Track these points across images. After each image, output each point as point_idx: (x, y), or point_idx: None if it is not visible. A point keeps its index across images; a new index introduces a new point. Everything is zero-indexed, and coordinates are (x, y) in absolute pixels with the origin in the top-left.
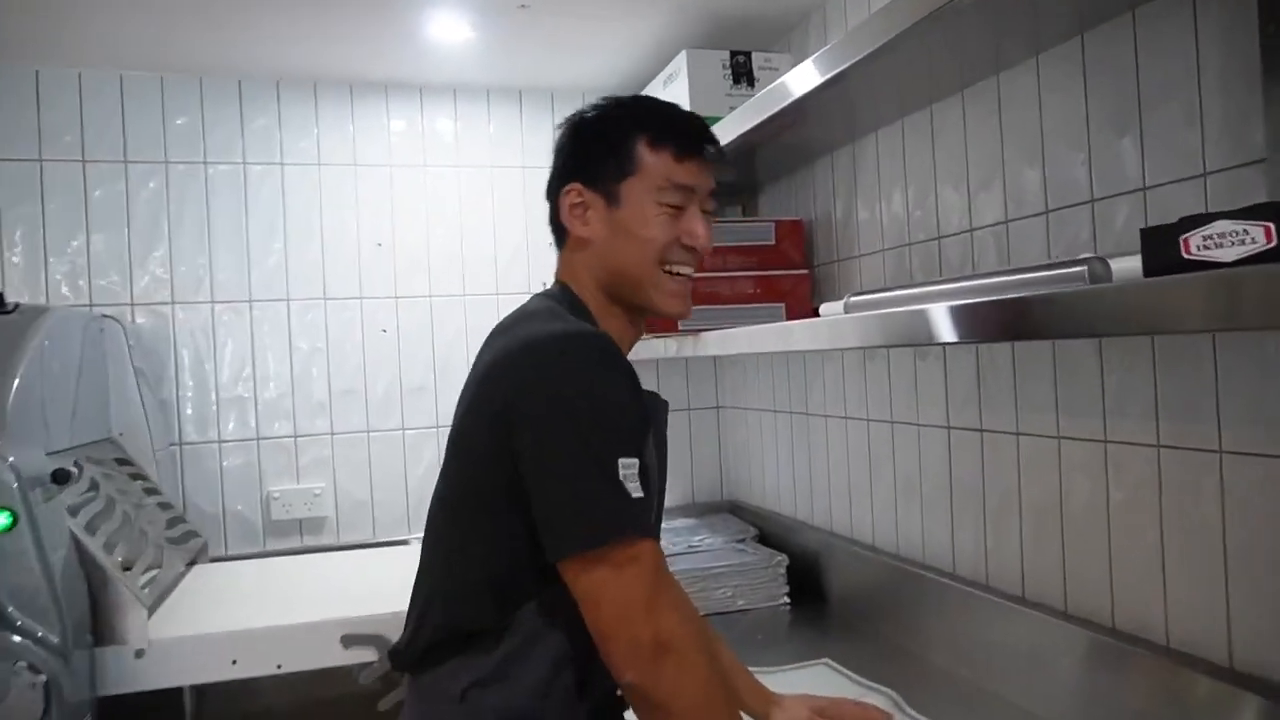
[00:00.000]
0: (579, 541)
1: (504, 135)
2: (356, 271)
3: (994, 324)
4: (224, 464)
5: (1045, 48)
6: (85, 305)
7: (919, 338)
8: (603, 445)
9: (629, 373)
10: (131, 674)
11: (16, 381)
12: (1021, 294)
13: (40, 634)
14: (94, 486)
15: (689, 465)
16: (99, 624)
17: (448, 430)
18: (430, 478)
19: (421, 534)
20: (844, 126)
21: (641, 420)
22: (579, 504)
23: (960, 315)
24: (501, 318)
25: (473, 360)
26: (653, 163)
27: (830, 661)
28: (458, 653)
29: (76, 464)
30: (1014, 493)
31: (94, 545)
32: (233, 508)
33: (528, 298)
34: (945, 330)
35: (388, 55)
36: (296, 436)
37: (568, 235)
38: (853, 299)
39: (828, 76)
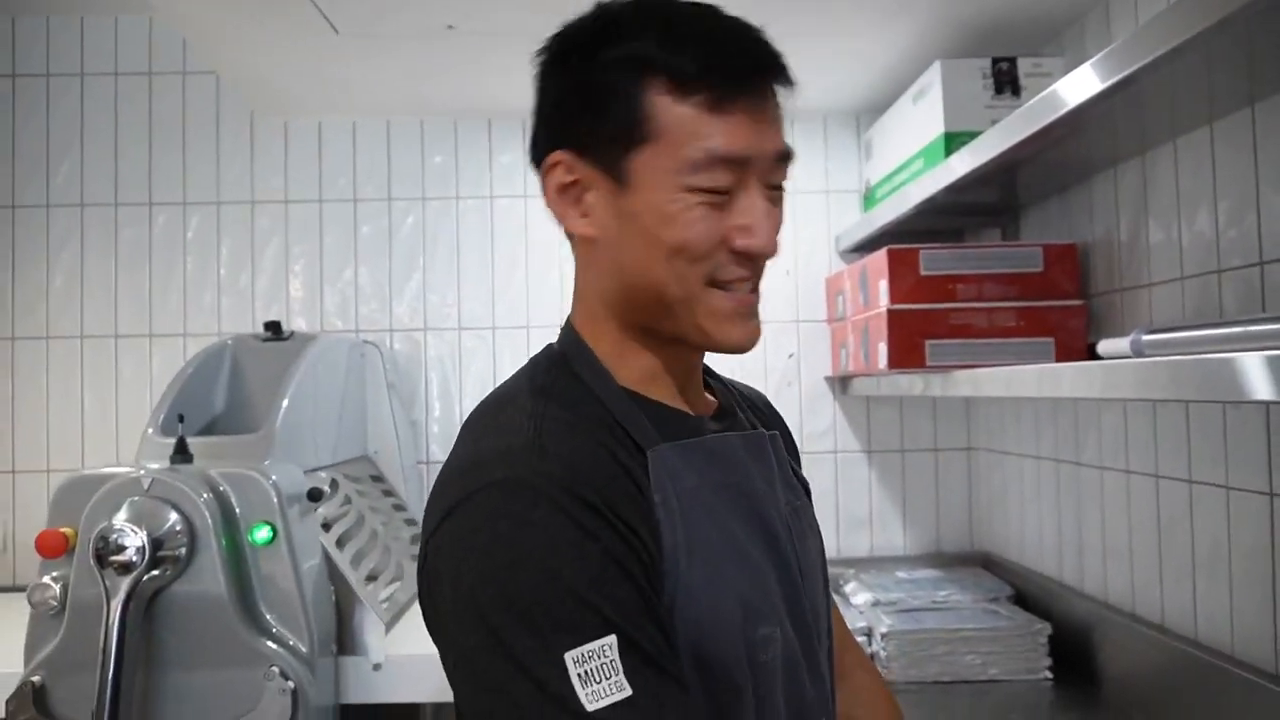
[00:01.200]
0: None
1: None
2: None
3: None
4: None
5: None
6: (352, 331)
7: (1223, 393)
8: (536, 648)
9: (563, 501)
10: (369, 686)
11: (285, 403)
12: None
13: (291, 642)
14: (348, 501)
15: (935, 511)
16: (343, 635)
17: None
18: None
19: None
20: (1133, 136)
21: (609, 559)
22: None
23: (1265, 366)
24: None
25: None
26: (674, 123)
27: None
28: None
29: (333, 481)
30: None
31: (342, 560)
32: None
33: (762, 327)
34: (1262, 386)
35: None
36: None
37: (572, 239)
38: (1144, 337)
39: (1113, 81)
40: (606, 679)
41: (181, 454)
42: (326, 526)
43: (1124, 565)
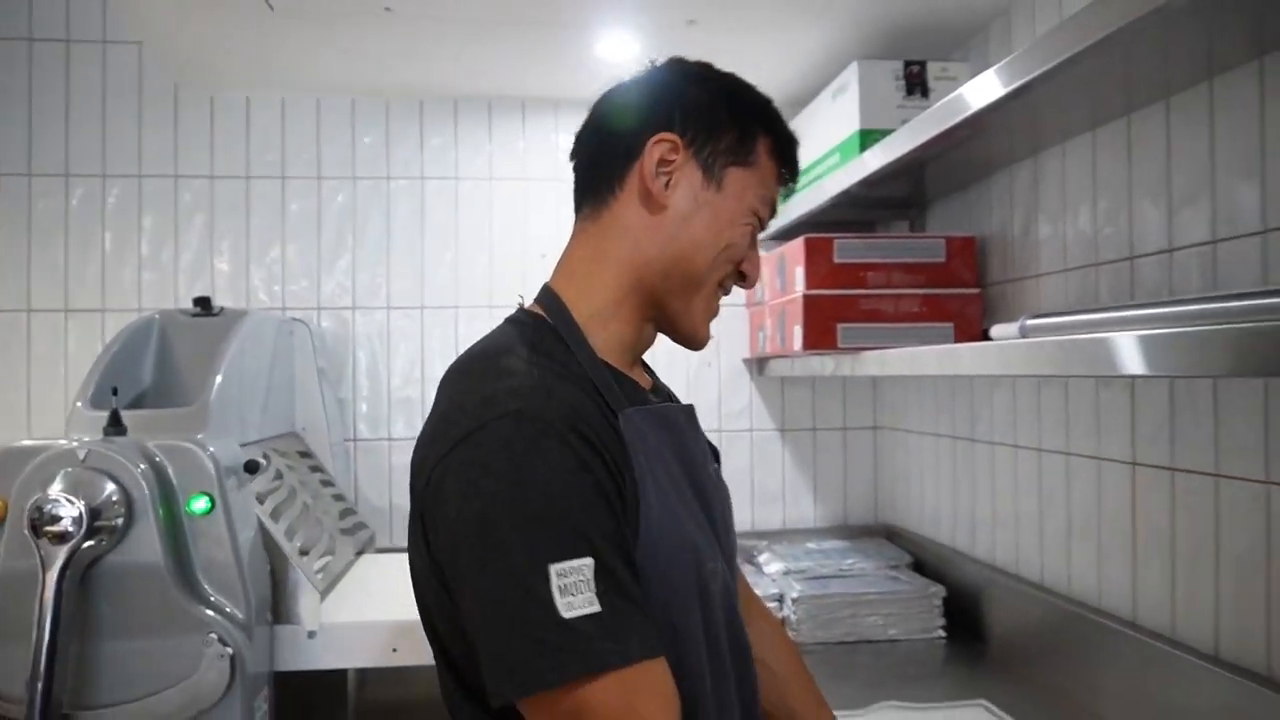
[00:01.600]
0: (504, 691)
1: None
2: (522, 281)
3: (1193, 358)
4: (393, 461)
5: (1270, 49)
6: (279, 309)
7: (1100, 368)
8: (523, 554)
9: (568, 437)
10: (304, 653)
11: (219, 379)
12: (1231, 324)
13: (228, 610)
14: (279, 476)
15: (843, 486)
16: (277, 604)
17: None
18: None
19: None
20: (1027, 139)
21: (595, 494)
22: (492, 640)
23: (1153, 346)
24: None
25: None
26: (767, 168)
27: (988, 704)
28: None
29: (265, 455)
30: (1210, 539)
31: (277, 531)
32: (399, 502)
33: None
34: (1133, 362)
35: (558, 75)
36: None
37: (614, 200)
38: (1029, 322)
39: (1013, 87)
40: (580, 594)
41: (115, 426)
42: (260, 500)
43: (1010, 532)
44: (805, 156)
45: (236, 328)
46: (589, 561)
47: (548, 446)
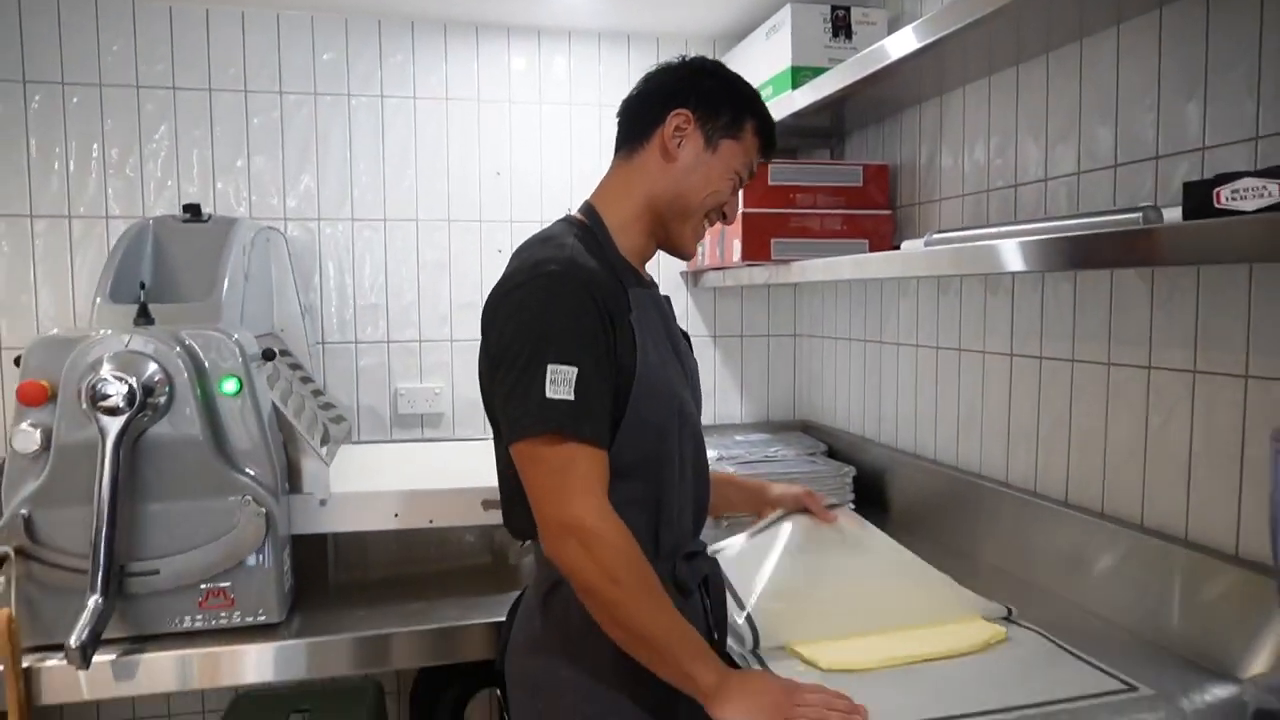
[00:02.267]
0: (508, 435)
1: (613, 75)
2: (478, 197)
3: (1052, 255)
4: (359, 363)
5: (1126, 18)
6: (248, 218)
7: (980, 267)
8: (533, 355)
9: (581, 293)
10: (316, 518)
11: (226, 279)
12: (1085, 232)
13: (258, 477)
14: (275, 369)
15: (766, 388)
16: (291, 476)
17: None
18: None
19: None
20: (933, 82)
21: (592, 333)
22: (507, 405)
23: (1029, 248)
24: None
25: None
26: (750, 143)
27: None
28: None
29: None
30: (1066, 412)
31: (288, 412)
32: (365, 401)
33: None
34: (1014, 261)
35: (510, 3)
36: (421, 341)
37: (642, 149)
38: (933, 236)
39: (926, 42)
40: (561, 387)
41: (144, 317)
42: (270, 384)
43: (909, 419)
44: None
45: (231, 233)
46: (575, 370)
47: (568, 295)
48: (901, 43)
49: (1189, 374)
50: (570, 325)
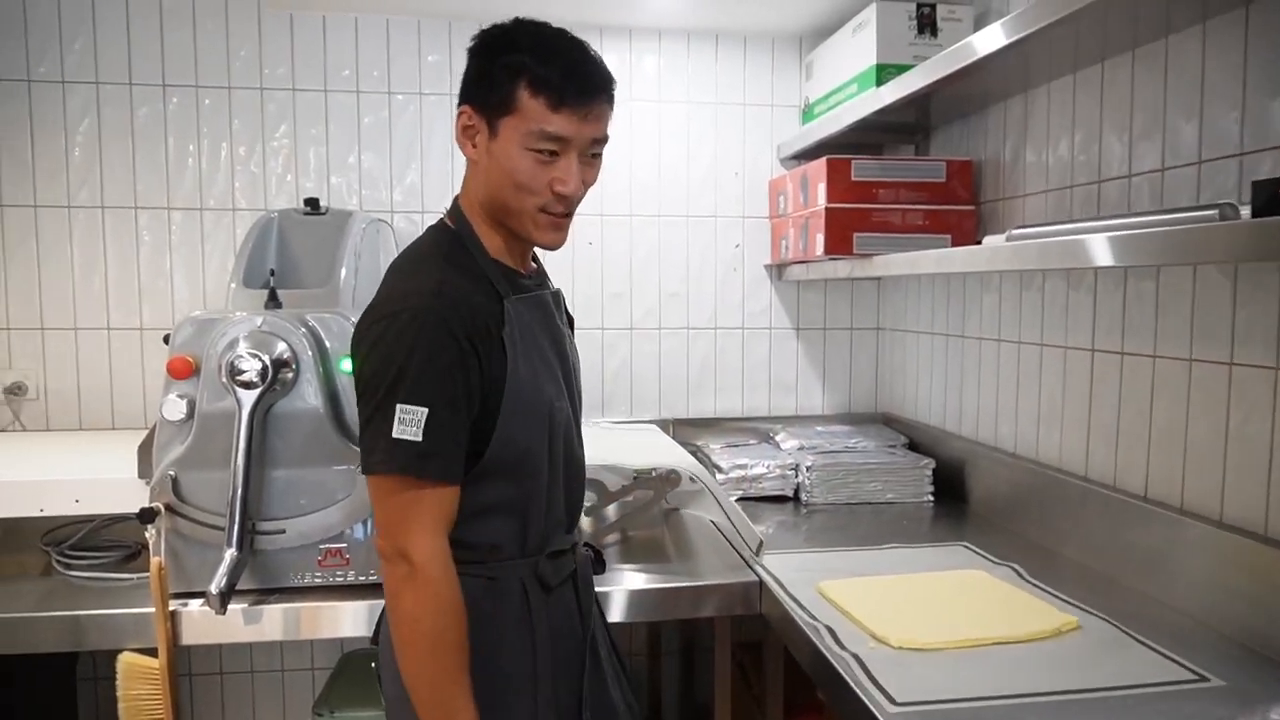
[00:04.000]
0: (362, 465)
1: (700, 74)
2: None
3: (1134, 251)
4: None
5: (1213, 14)
6: (359, 210)
7: (1075, 262)
8: (387, 393)
9: (440, 330)
10: None
11: (344, 267)
12: (1170, 227)
13: None
14: None
15: (848, 380)
16: None
17: (639, 332)
18: (622, 370)
19: (607, 418)
20: (1019, 79)
21: (448, 371)
22: (362, 436)
23: (1116, 243)
24: (667, 238)
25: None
26: (528, 108)
27: (968, 544)
28: None
29: None
30: (1147, 406)
31: None
32: None
33: (712, 220)
34: (1102, 255)
35: (610, 5)
36: None
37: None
38: (1014, 232)
39: (1013, 39)
40: (410, 427)
41: (274, 301)
42: None
43: (990, 412)
44: (825, 85)
45: (348, 225)
46: (425, 411)
47: (426, 333)
48: (989, 39)
49: (1271, 371)
50: (424, 365)
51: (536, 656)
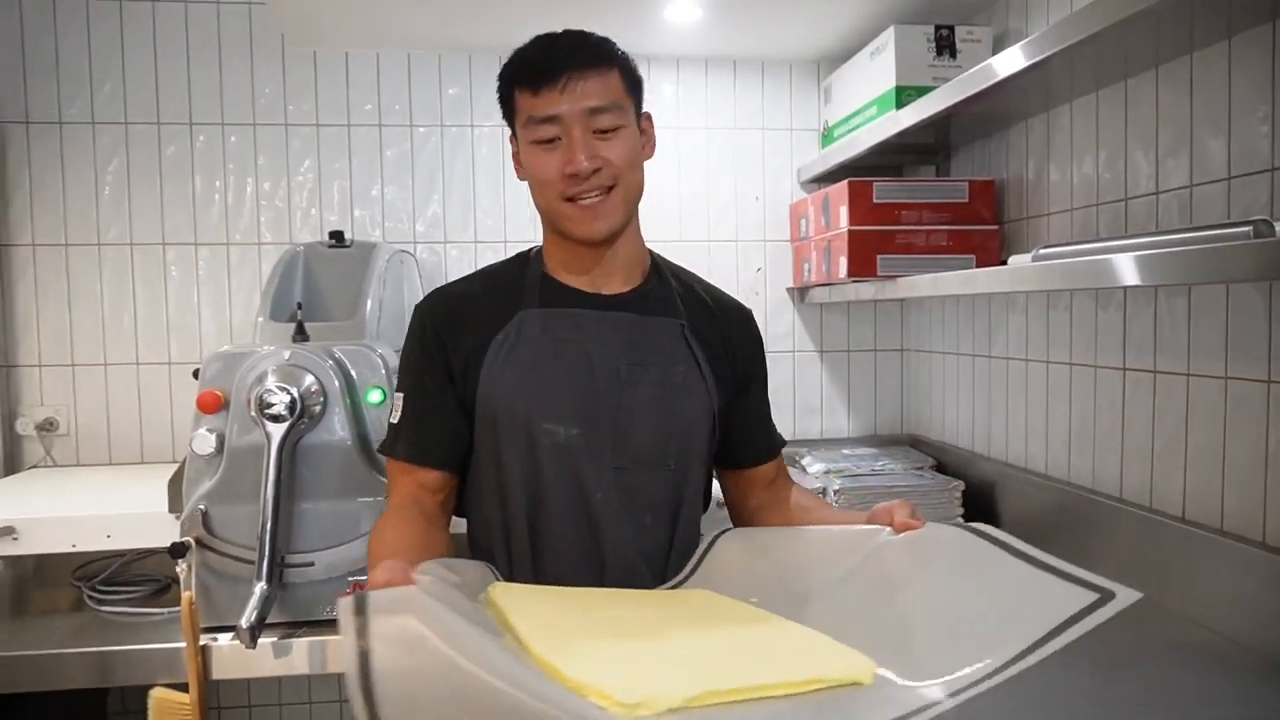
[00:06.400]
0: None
1: (719, 100)
2: None
3: (1162, 270)
4: None
5: (1237, 31)
6: (382, 243)
7: (1102, 282)
8: (398, 386)
9: (419, 321)
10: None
11: (369, 300)
12: (1200, 245)
13: None
14: None
15: (873, 402)
16: None
17: None
18: None
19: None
20: (1040, 98)
21: (418, 359)
22: None
23: (1143, 262)
24: (689, 263)
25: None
26: (519, 104)
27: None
28: None
29: None
30: (1182, 424)
31: None
32: None
33: (734, 245)
34: (1129, 275)
35: (627, 33)
36: None
37: None
38: (1041, 251)
39: (1033, 61)
40: (398, 412)
41: (301, 334)
42: None
43: (1020, 433)
44: (844, 108)
45: (372, 257)
46: (401, 396)
47: (413, 324)
48: (1009, 61)
49: None
50: (406, 354)
51: None
